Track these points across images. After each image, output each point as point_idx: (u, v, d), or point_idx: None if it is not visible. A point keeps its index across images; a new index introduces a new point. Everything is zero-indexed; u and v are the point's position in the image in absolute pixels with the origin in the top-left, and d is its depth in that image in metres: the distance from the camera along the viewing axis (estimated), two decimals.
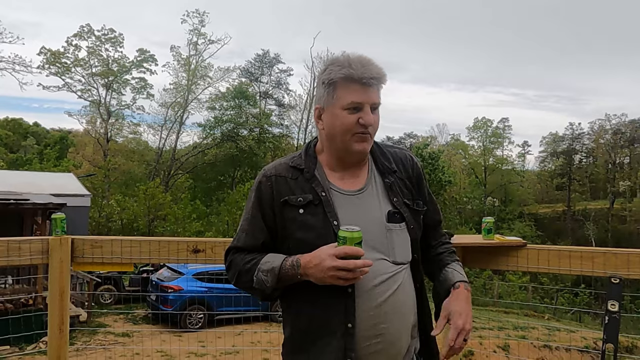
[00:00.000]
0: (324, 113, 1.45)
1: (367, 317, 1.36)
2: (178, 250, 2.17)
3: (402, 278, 1.43)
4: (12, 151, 44.17)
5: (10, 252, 2.06)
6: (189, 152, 36.82)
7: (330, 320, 1.37)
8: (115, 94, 35.20)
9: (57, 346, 2.10)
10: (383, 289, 1.38)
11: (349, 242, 1.29)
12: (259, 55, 39.36)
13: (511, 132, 50.07)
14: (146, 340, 9.27)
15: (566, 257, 1.98)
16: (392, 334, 1.40)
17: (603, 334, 1.84)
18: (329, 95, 1.42)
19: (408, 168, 1.54)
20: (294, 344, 1.45)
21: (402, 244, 1.44)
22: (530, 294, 22.71)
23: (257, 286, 1.41)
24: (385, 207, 1.45)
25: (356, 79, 1.37)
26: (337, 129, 1.41)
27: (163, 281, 12.68)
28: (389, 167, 1.51)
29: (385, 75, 1.42)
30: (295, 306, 1.45)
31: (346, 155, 1.45)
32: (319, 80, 1.48)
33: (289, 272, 1.36)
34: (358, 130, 1.39)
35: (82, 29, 33.65)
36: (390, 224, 1.43)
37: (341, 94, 1.39)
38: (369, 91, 1.39)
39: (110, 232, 25.38)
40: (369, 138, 1.42)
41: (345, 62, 1.39)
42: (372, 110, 1.40)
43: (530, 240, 2.59)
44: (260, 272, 1.40)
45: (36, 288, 10.37)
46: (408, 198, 1.49)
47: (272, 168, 1.50)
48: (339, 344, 1.36)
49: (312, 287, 1.37)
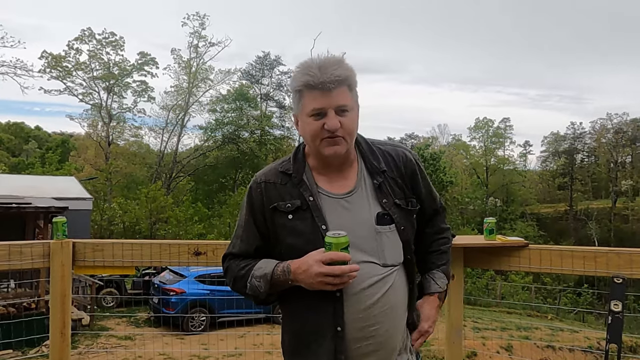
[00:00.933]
0: (298, 120, 1.47)
1: (355, 319, 1.38)
2: (179, 253, 2.16)
3: (393, 280, 1.42)
4: (14, 155, 44.29)
5: (12, 256, 2.06)
6: (191, 154, 36.85)
7: (321, 323, 1.39)
8: (116, 97, 35.31)
9: (59, 350, 2.10)
10: (372, 291, 1.39)
11: (335, 247, 1.29)
12: (260, 57, 39.44)
13: (512, 132, 50.05)
14: (148, 343, 9.25)
15: (568, 257, 1.97)
16: (383, 335, 1.41)
17: (606, 334, 1.83)
18: (297, 103, 1.45)
19: (400, 165, 1.51)
20: (291, 347, 1.49)
21: (393, 246, 1.43)
22: (533, 294, 22.66)
23: (251, 292, 1.43)
24: (375, 209, 1.44)
25: (314, 85, 1.37)
26: (307, 136, 1.44)
27: (165, 284, 12.68)
28: (378, 167, 1.49)
29: (349, 76, 1.40)
30: (290, 310, 1.48)
31: (324, 159, 1.45)
32: (290, 88, 1.50)
33: (281, 278, 1.38)
34: (324, 135, 1.39)
35: (83, 33, 33.77)
36: (380, 227, 1.42)
37: (305, 102, 1.41)
38: (330, 95, 1.37)
39: (112, 235, 25.42)
40: (340, 141, 1.40)
41: (305, 68, 1.39)
42: (340, 112, 1.39)
43: (532, 240, 2.59)
44: (254, 279, 1.42)
45: (38, 292, 10.38)
46: (399, 197, 1.48)
47: (262, 174, 1.52)
48: (330, 346, 1.38)
49: (304, 291, 1.38)
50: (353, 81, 1.43)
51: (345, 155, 1.46)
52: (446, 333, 2.22)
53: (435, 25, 77.66)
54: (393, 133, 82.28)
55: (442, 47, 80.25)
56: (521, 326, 12.14)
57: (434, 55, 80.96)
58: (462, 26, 74.37)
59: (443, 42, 79.18)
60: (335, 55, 1.43)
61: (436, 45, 79.96)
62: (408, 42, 78.13)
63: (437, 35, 78.43)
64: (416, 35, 78.50)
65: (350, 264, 1.33)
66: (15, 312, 9.73)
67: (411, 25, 75.67)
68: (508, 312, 16.87)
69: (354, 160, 1.51)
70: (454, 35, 75.87)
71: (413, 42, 77.92)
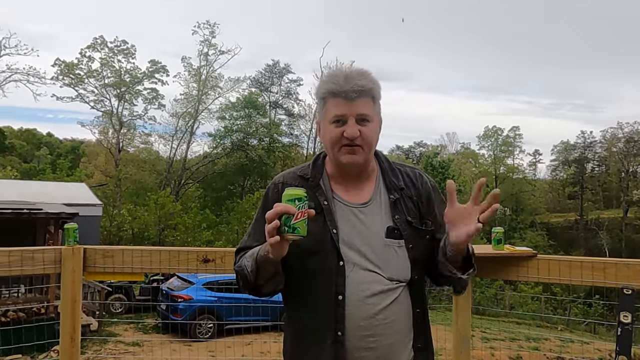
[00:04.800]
0: (321, 127, 1.50)
1: (357, 327, 1.37)
2: (188, 260, 2.18)
3: (398, 295, 1.42)
4: (26, 161, 44.79)
5: (24, 261, 2.09)
6: (199, 161, 37.04)
7: (322, 327, 1.39)
8: (127, 104, 35.69)
9: (69, 355, 2.12)
10: (375, 301, 1.38)
11: (283, 199, 1.26)
12: (269, 65, 39.70)
13: (522, 140, 49.84)
14: (156, 349, 9.27)
15: (577, 268, 1.96)
16: (385, 349, 1.39)
17: (616, 346, 1.82)
18: (321, 110, 1.49)
19: (418, 186, 1.53)
20: (292, 350, 1.49)
21: (399, 261, 1.43)
22: (543, 305, 22.41)
23: (239, 270, 1.44)
24: (386, 223, 1.45)
25: (338, 93, 1.41)
26: (327, 142, 1.46)
27: (173, 290, 12.70)
28: (397, 184, 1.51)
29: (372, 88, 1.43)
30: (291, 313, 1.50)
31: (341, 167, 1.47)
32: (314, 95, 1.54)
33: (262, 253, 1.36)
34: (344, 142, 1.42)
35: (95, 41, 34.25)
36: (388, 240, 1.43)
37: (328, 109, 1.45)
38: (352, 104, 1.40)
39: (121, 241, 25.56)
40: (359, 150, 1.43)
41: (332, 77, 1.44)
42: (361, 121, 1.41)
43: (542, 250, 2.57)
44: (244, 259, 1.45)
45: (48, 297, 10.45)
46: (413, 216, 1.48)
47: (280, 176, 1.56)
48: (330, 351, 1.38)
49: (306, 292, 1.40)
50: (377, 93, 1.46)
51: (363, 166, 1.48)
52: (454, 342, 2.21)
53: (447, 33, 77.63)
54: (402, 141, 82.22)
55: (453, 56, 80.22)
56: (531, 337, 12.01)
57: (444, 63, 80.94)
58: (474, 34, 74.32)
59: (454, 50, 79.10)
60: (362, 68, 1.47)
61: (447, 54, 79.92)
62: (418, 50, 78.23)
63: (448, 44, 78.41)
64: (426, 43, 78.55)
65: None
66: (26, 317, 9.80)
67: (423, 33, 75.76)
68: (517, 323, 16.68)
69: (373, 174, 1.53)
70: (466, 43, 75.81)
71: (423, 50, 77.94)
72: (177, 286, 12.87)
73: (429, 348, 1.51)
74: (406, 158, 50.88)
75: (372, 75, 1.45)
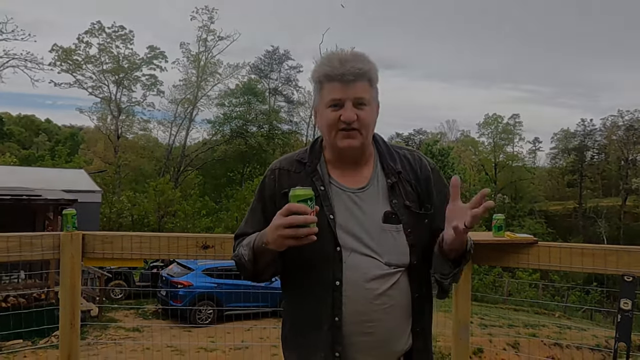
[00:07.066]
0: (317, 111, 1.48)
1: (354, 312, 1.37)
2: (187, 246, 2.17)
3: (396, 280, 1.40)
4: (25, 147, 44.66)
5: (22, 247, 2.08)
6: (199, 148, 37.01)
7: (319, 313, 1.38)
8: (125, 90, 35.55)
9: (69, 340, 2.12)
10: (373, 286, 1.37)
11: (293, 199, 1.27)
12: (269, 51, 39.42)
13: (522, 128, 49.74)
14: (156, 335, 9.34)
15: (578, 255, 1.95)
16: (383, 334, 1.39)
17: (615, 333, 1.82)
18: (317, 94, 1.46)
19: (416, 169, 1.50)
20: (290, 336, 1.49)
21: (397, 246, 1.41)
22: (541, 292, 22.57)
23: (237, 259, 1.46)
24: (383, 208, 1.43)
25: (333, 76, 1.38)
26: (323, 127, 1.44)
27: (173, 277, 12.76)
28: (394, 167, 1.48)
29: (369, 71, 1.40)
30: (290, 298, 1.49)
31: (338, 151, 1.46)
32: (310, 79, 1.51)
33: (258, 242, 1.36)
34: (340, 126, 1.40)
35: (93, 26, 33.97)
36: (386, 225, 1.41)
37: (324, 93, 1.42)
38: (349, 87, 1.38)
39: (121, 227, 25.63)
40: (356, 134, 1.40)
41: (327, 60, 1.41)
42: (358, 105, 1.39)
43: (541, 238, 2.57)
44: (242, 247, 1.44)
45: (48, 283, 10.49)
46: (412, 200, 1.45)
47: (278, 162, 1.55)
48: (327, 337, 1.37)
49: (304, 279, 1.40)
50: (374, 76, 1.43)
51: (360, 150, 1.46)
52: (453, 329, 2.22)
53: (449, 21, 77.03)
54: (403, 129, 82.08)
55: (455, 44, 79.70)
56: (528, 323, 12.10)
57: (445, 51, 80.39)
58: (476, 23, 73.80)
59: (456, 38, 78.61)
60: (358, 51, 1.44)
61: (448, 42, 79.41)
62: (420, 38, 77.71)
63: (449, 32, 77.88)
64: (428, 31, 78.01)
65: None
66: (26, 303, 9.85)
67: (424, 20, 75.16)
68: (515, 310, 16.81)
69: (370, 158, 1.51)
70: (467, 32, 75.33)
71: (424, 38, 77.50)
72: (176, 272, 12.93)
73: (428, 333, 1.50)
74: (406, 145, 50.77)
75: (368, 57, 1.42)
